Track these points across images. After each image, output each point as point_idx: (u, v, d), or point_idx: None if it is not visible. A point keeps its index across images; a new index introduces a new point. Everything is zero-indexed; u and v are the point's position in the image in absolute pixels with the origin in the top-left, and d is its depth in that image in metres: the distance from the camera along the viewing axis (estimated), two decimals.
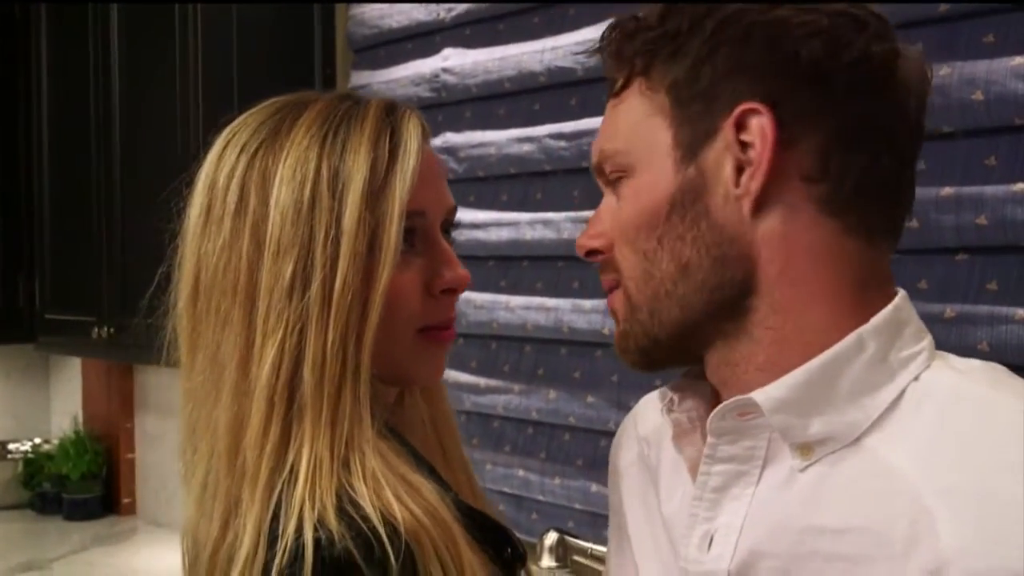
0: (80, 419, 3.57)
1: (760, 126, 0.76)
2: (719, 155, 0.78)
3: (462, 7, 2.15)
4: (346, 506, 0.85)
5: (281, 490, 0.87)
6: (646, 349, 0.86)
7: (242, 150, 0.95)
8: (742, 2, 0.80)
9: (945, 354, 0.81)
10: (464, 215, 2.14)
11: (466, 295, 2.12)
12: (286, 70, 2.42)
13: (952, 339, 1.41)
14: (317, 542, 0.82)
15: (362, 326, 0.90)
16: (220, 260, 0.93)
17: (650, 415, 0.99)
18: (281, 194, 0.91)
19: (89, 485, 3.39)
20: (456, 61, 2.15)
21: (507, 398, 2.08)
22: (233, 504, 0.89)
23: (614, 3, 1.82)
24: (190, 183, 0.98)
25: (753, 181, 0.77)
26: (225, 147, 0.97)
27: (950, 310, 1.43)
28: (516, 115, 2.07)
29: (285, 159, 0.92)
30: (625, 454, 1.02)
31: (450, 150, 2.17)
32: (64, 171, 3.09)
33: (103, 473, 3.43)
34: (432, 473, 0.96)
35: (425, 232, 0.97)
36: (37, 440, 3.63)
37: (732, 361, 0.82)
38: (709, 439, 0.82)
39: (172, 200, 1.00)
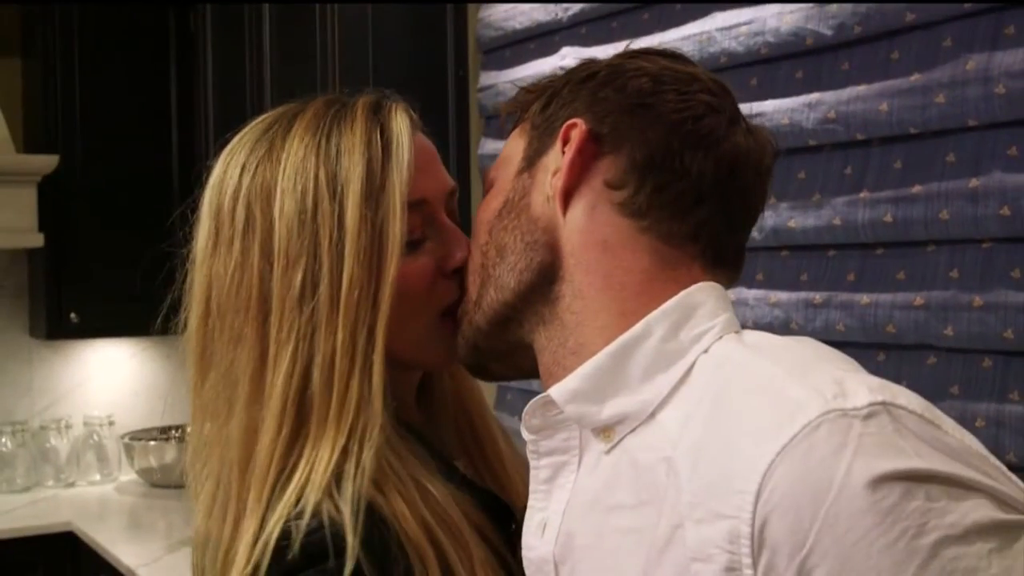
0: None
1: (574, 135, 0.87)
2: (548, 163, 0.90)
3: (577, 7, 2.21)
4: (323, 505, 0.86)
5: (278, 487, 0.89)
6: (473, 342, 0.95)
7: (242, 170, 0.97)
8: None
9: (751, 331, 0.84)
10: None
11: None
12: (420, 72, 2.53)
13: None
14: (279, 540, 0.85)
15: (373, 320, 0.92)
16: (232, 281, 0.94)
17: None
18: (284, 206, 0.93)
19: None
20: (573, 60, 2.18)
21: None
22: (243, 508, 0.91)
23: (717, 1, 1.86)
24: (194, 209, 1.01)
25: (558, 179, 0.87)
26: (225, 171, 0.99)
27: None
28: None
29: (284, 171, 0.94)
30: None
31: None
32: None
33: None
34: (450, 469, 0.98)
35: (430, 217, 0.99)
36: None
37: (552, 347, 0.88)
38: (529, 437, 0.87)
39: (179, 227, 1.02)
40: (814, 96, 1.71)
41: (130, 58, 3.71)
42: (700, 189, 0.86)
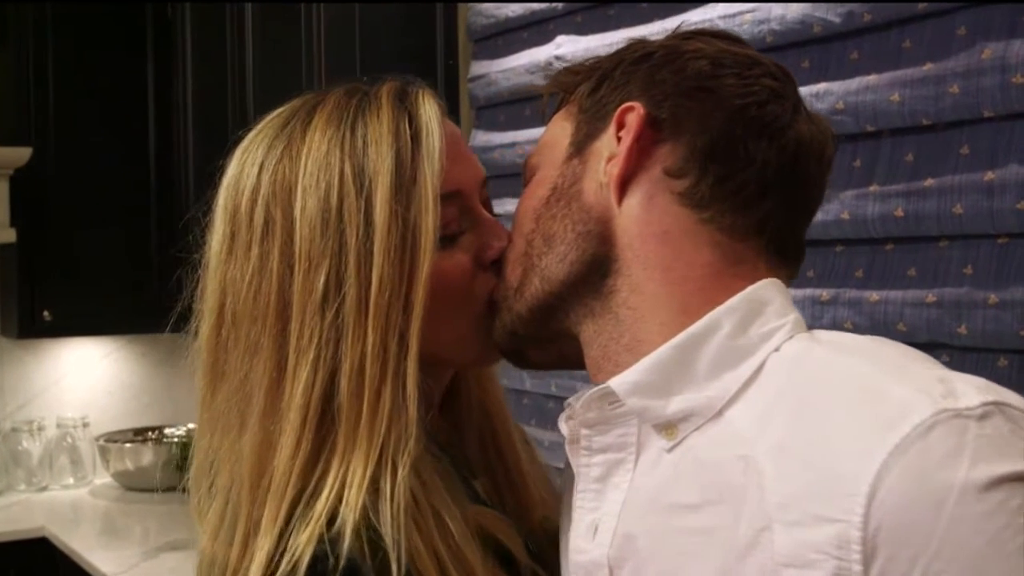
0: None
1: (631, 120, 0.83)
2: (600, 148, 0.86)
3: None
4: (361, 529, 0.81)
5: (302, 504, 0.84)
6: (511, 329, 0.91)
7: (260, 169, 0.91)
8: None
9: (824, 330, 0.81)
10: None
11: None
12: (409, 63, 2.48)
13: None
14: (313, 561, 0.80)
15: (406, 323, 0.86)
16: (250, 288, 0.89)
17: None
18: (307, 205, 0.87)
19: None
20: (568, 48, 2.17)
21: None
22: (253, 527, 0.86)
23: None
24: (208, 211, 0.95)
25: (614, 166, 0.83)
26: (241, 170, 0.93)
27: None
28: None
29: (305, 167, 0.89)
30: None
31: None
32: (206, 166, 3.26)
33: None
34: (472, 492, 0.94)
35: (466, 209, 0.94)
36: (191, 425, 3.80)
37: (601, 341, 0.85)
38: (583, 431, 0.84)
39: (191, 229, 0.97)
40: (822, 86, 1.67)
41: (106, 51, 3.63)
42: (764, 179, 0.82)
